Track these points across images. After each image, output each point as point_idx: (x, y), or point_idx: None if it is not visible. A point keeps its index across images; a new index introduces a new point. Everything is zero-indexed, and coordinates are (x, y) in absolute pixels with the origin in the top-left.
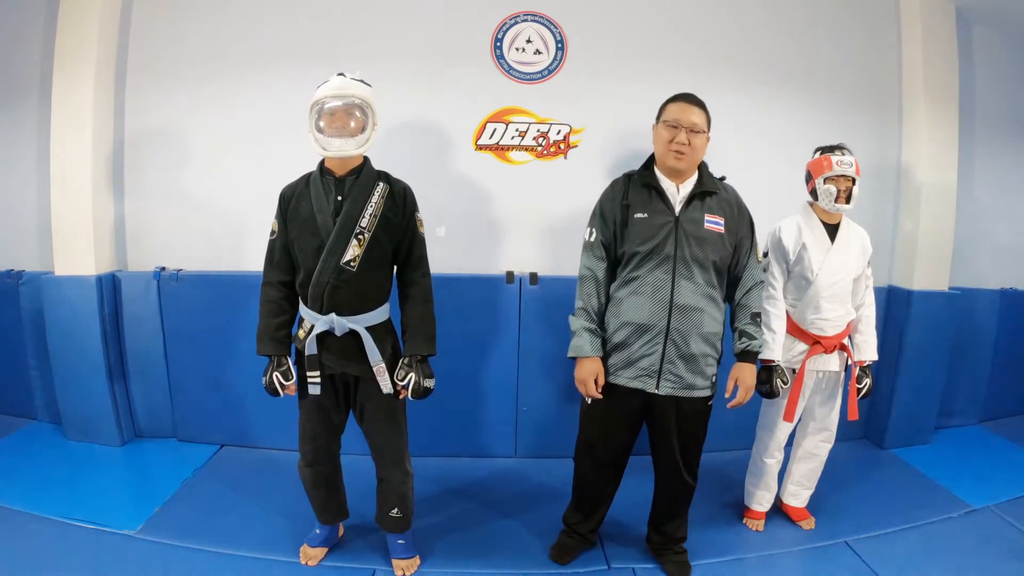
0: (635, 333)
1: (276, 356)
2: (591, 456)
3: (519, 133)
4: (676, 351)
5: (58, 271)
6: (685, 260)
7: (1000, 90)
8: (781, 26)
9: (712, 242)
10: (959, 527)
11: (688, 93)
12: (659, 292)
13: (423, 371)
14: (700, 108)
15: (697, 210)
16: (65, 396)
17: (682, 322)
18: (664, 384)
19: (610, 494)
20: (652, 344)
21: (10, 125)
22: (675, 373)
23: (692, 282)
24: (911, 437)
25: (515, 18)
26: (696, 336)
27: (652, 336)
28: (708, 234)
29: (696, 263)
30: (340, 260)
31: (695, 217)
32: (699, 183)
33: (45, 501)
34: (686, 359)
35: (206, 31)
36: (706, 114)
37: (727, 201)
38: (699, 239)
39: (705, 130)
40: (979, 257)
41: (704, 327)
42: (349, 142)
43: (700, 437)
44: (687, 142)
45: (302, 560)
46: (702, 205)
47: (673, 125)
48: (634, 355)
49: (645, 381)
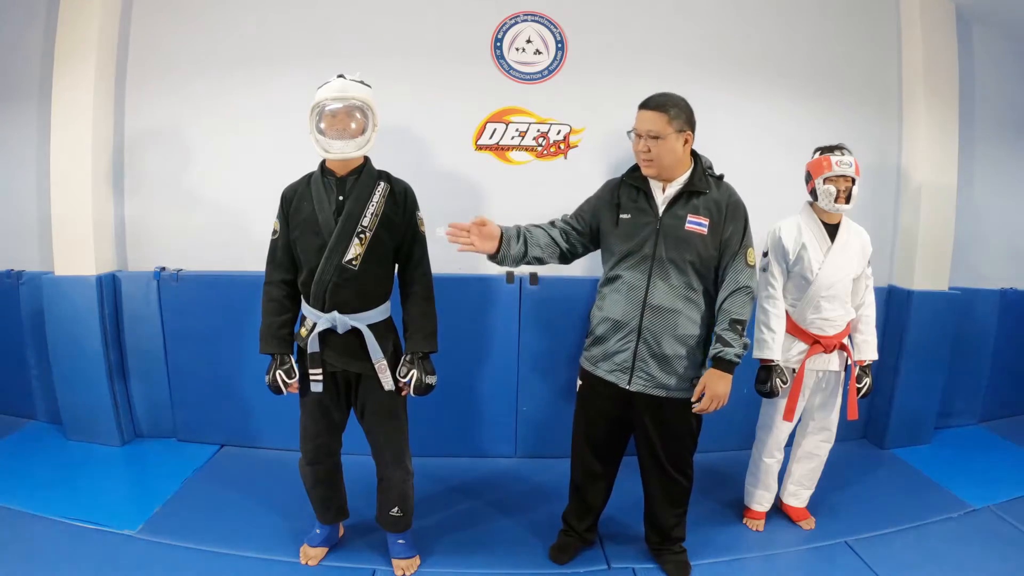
0: (612, 329)
1: (279, 354)
2: (580, 449)
3: (519, 133)
4: (648, 350)
5: (58, 271)
6: (661, 260)
7: (1000, 90)
8: (781, 26)
9: (691, 243)
10: (959, 527)
11: (649, 97)
12: (634, 291)
13: (425, 368)
14: (658, 111)
15: (681, 209)
16: (65, 396)
17: (654, 322)
18: (636, 381)
19: (602, 491)
20: (625, 341)
21: (10, 125)
22: (647, 371)
23: (667, 283)
24: (911, 437)
25: (515, 18)
26: (670, 337)
27: (625, 333)
28: (687, 234)
29: (672, 264)
30: (342, 259)
31: (678, 216)
32: (688, 182)
33: (45, 501)
34: (658, 359)
35: (206, 31)
36: (667, 115)
37: (715, 201)
38: (677, 239)
39: (664, 134)
40: (979, 257)
41: (679, 329)
42: (350, 144)
43: (683, 437)
44: (647, 149)
45: (302, 560)
46: (687, 205)
47: (638, 133)
48: (610, 350)
49: (618, 376)
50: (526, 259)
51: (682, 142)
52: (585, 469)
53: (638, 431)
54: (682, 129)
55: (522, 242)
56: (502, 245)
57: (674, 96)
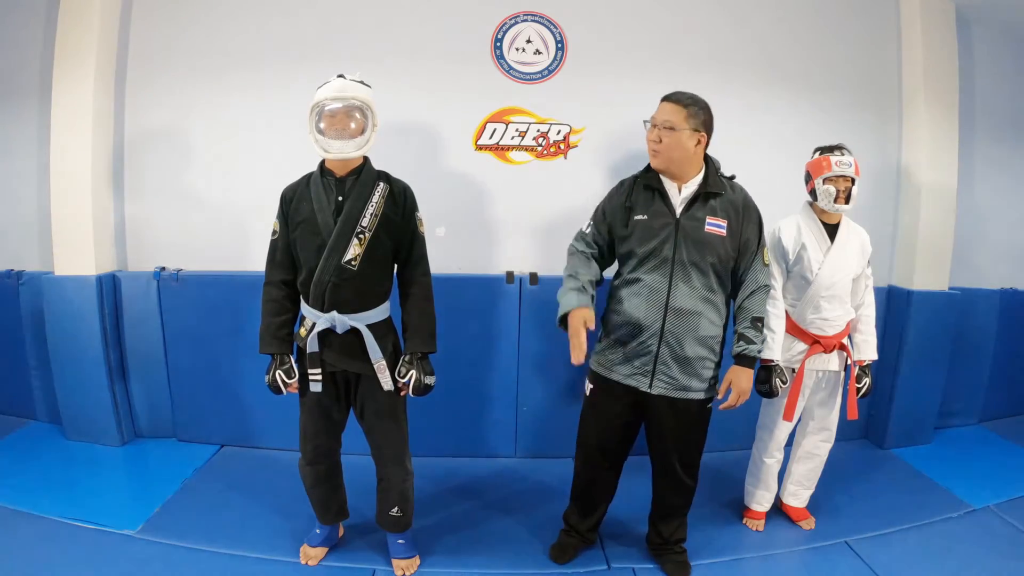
0: (632, 332)
1: (278, 355)
2: (588, 453)
3: (519, 133)
4: (670, 352)
5: (58, 271)
6: (683, 263)
7: (1000, 90)
8: (781, 26)
9: (712, 245)
10: (959, 527)
11: (675, 91)
12: (655, 294)
13: (424, 368)
14: (678, 105)
15: (699, 211)
16: (65, 396)
17: (677, 325)
18: (657, 384)
19: (608, 492)
20: (647, 344)
21: (10, 125)
22: (668, 374)
23: (689, 285)
24: (911, 437)
25: (515, 18)
26: (691, 339)
27: (647, 336)
28: (708, 237)
29: (694, 266)
30: (341, 259)
31: (696, 219)
32: (704, 184)
33: (45, 501)
34: (680, 361)
35: (206, 31)
36: (686, 110)
37: (732, 202)
38: (698, 242)
39: (679, 127)
40: (979, 257)
41: (700, 330)
42: (349, 144)
43: (698, 439)
44: (658, 139)
45: (302, 560)
46: (704, 207)
47: (652, 124)
48: (630, 353)
49: (639, 380)
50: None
51: (695, 141)
52: (594, 473)
53: (652, 433)
54: (697, 129)
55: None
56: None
57: (699, 98)
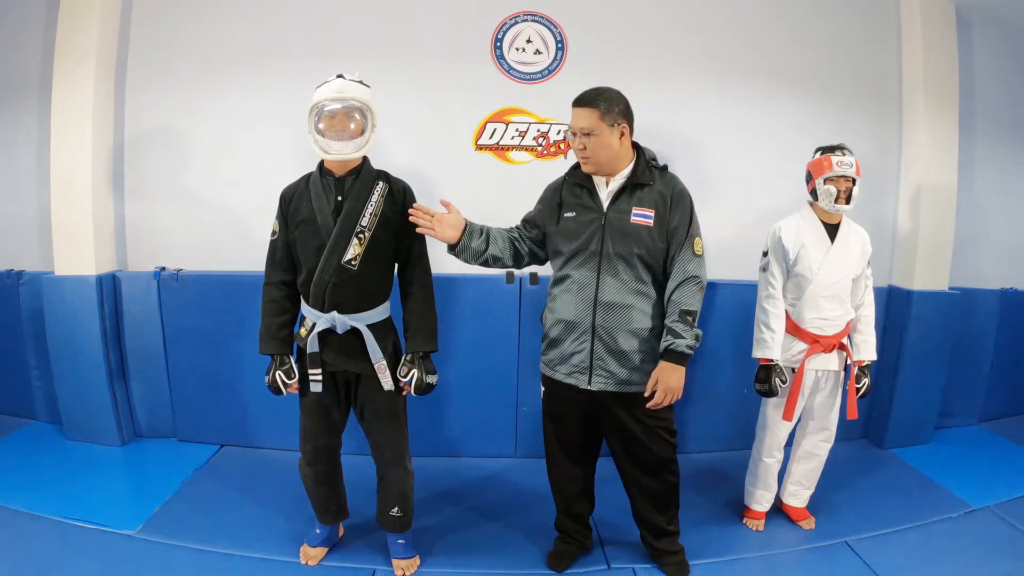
0: (566, 330)
1: (278, 355)
2: (552, 453)
3: (519, 133)
4: (604, 347)
5: (58, 271)
6: (609, 256)
7: (1000, 90)
8: (781, 26)
9: (638, 236)
10: (959, 527)
11: (580, 94)
12: (584, 290)
13: (425, 367)
14: (588, 108)
15: (625, 203)
16: (65, 396)
17: (607, 319)
18: (596, 379)
19: (582, 489)
20: (581, 341)
21: (10, 125)
22: (606, 369)
23: (617, 279)
24: (911, 437)
25: (515, 18)
26: (625, 332)
27: (580, 333)
28: (634, 228)
29: (620, 259)
30: (341, 259)
31: (622, 211)
32: (632, 175)
33: (45, 501)
34: (616, 355)
35: (207, 31)
36: (598, 111)
37: (660, 192)
38: (624, 234)
39: (596, 130)
40: (979, 257)
41: (633, 323)
42: (349, 145)
43: (657, 431)
44: (582, 147)
45: (302, 560)
46: (632, 198)
47: (572, 132)
48: (566, 351)
49: (578, 377)
50: (484, 256)
51: (617, 136)
52: (563, 475)
53: (608, 431)
54: (616, 123)
55: (483, 239)
56: (463, 237)
57: (606, 90)
